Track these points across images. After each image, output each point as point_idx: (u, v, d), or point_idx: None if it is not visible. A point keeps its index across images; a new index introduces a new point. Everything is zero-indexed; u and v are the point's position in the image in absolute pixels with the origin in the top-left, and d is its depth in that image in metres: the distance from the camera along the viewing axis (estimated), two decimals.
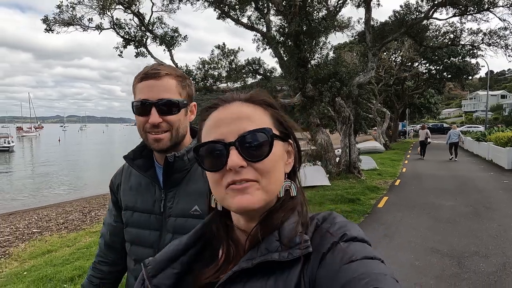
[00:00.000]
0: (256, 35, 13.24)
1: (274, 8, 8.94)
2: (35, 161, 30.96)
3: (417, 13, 11.17)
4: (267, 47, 13.34)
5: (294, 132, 0.67)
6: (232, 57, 15.93)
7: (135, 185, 1.21)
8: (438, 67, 25.05)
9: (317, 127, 12.13)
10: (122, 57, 9.80)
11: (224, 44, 15.84)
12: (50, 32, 9.17)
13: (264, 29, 12.70)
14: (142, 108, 1.04)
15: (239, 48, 16.13)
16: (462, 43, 15.01)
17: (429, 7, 10.59)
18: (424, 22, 12.84)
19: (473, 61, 24.32)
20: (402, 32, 11.08)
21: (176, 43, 10.07)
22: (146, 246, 1.16)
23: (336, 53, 15.56)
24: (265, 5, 12.30)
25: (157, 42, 9.78)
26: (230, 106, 0.62)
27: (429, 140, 17.91)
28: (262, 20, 12.88)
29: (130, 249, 1.22)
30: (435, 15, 11.74)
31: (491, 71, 78.49)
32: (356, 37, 20.02)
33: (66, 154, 39.10)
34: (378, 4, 11.83)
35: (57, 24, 9.10)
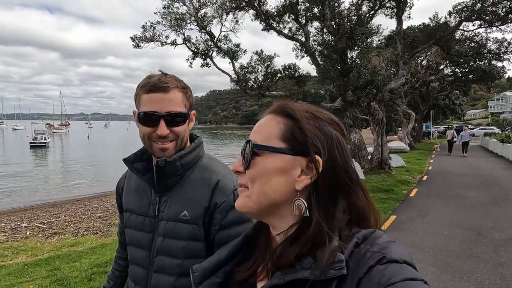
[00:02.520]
0: (295, 44, 14.77)
1: (325, 28, 10.42)
2: (74, 156, 33.01)
3: (445, 27, 12.37)
4: (305, 55, 14.87)
5: (318, 148, 0.61)
6: (268, 62, 17.46)
7: (135, 188, 1.26)
8: (463, 70, 25.72)
9: (351, 127, 13.55)
10: (191, 67, 11.72)
11: (261, 50, 17.40)
12: (138, 48, 11.18)
13: (303, 39, 14.24)
14: (149, 119, 1.09)
15: (275, 54, 17.65)
16: (487, 50, 15.98)
17: (456, 22, 11.79)
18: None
19: (499, 64, 24.88)
20: (431, 43, 12.32)
21: (238, 56, 11.80)
22: (140, 247, 1.20)
23: (367, 59, 16.80)
24: (304, 17, 13.84)
25: (221, 55, 11.54)
26: (263, 116, 0.68)
27: (455, 139, 20.98)
28: (301, 30, 14.41)
29: (128, 248, 1.27)
30: (461, 26, 12.91)
31: None
32: (383, 41, 21.20)
33: (100, 150, 41.10)
34: (409, 17, 13.09)
35: (142, 41, 11.04)
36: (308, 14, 13.50)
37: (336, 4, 10.15)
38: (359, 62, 9.42)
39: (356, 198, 0.63)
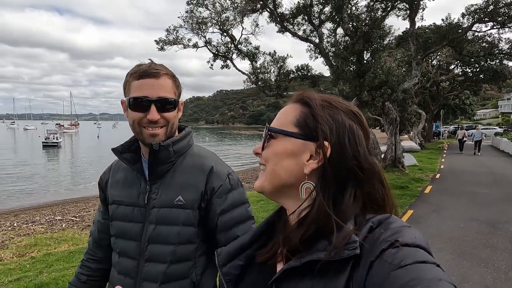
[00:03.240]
0: (309, 46, 15.14)
1: (342, 31, 10.81)
2: (87, 156, 33.34)
3: (458, 29, 12.64)
4: (319, 56, 15.22)
5: (326, 133, 0.63)
6: (281, 63, 17.82)
7: (122, 179, 1.24)
8: (474, 70, 25.76)
9: None
10: (212, 69, 12.25)
11: (274, 51, 17.77)
12: (162, 50, 11.75)
13: (317, 40, 14.60)
14: (140, 104, 1.10)
15: (287, 55, 17.98)
16: (498, 50, 16.16)
17: (469, 23, 12.05)
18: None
19: (511, 64, 24.86)
20: (444, 44, 12.60)
21: (257, 58, 12.29)
22: (129, 238, 1.18)
23: (384, 61, 17.15)
24: (317, 19, 14.22)
25: (241, 57, 12.04)
26: (289, 103, 0.72)
27: (465, 138, 22.00)
28: (314, 32, 14.77)
29: (114, 242, 1.24)
30: (474, 27, 13.15)
31: None
32: (393, 41, 21.45)
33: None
34: (422, 19, 13.38)
35: (166, 44, 11.58)
36: (322, 16, 13.89)
37: (354, 8, 10.54)
38: (374, 63, 9.78)
39: (370, 187, 0.64)
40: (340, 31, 12.90)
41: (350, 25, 9.70)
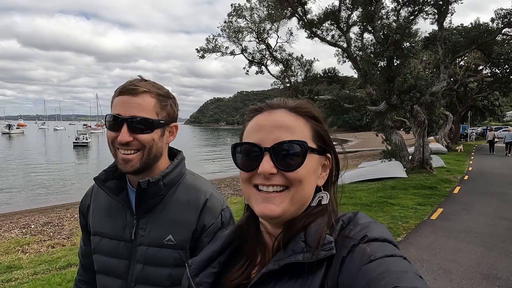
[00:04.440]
0: (337, 50, 15.67)
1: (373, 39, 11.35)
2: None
3: (488, 33, 12.82)
4: (347, 60, 15.71)
5: (334, 146, 0.69)
6: (308, 67, 18.36)
7: (105, 208, 1.14)
8: (504, 71, 25.28)
9: (391, 129, 14.26)
10: (247, 74, 13.12)
11: (302, 55, 18.35)
12: (202, 58, 12.70)
13: (345, 45, 15.10)
14: (113, 123, 1.01)
15: (314, 58, 18.49)
16: None
17: (499, 28, 12.22)
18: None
19: None
20: (473, 48, 12.80)
21: (290, 63, 13.05)
22: (114, 276, 1.09)
23: (413, 65, 17.43)
24: (345, 24, 14.74)
25: (275, 63, 12.87)
26: (274, 113, 0.66)
27: (496, 140, 22.86)
28: (342, 37, 15.28)
29: (97, 277, 1.15)
30: (503, 31, 13.27)
31: None
32: (420, 42, 21.51)
33: None
34: (450, 23, 13.64)
35: (206, 52, 12.53)
36: (349, 21, 14.40)
37: (385, 17, 11.04)
38: (404, 67, 10.22)
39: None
40: (366, 35, 13.43)
41: (381, 33, 10.19)
